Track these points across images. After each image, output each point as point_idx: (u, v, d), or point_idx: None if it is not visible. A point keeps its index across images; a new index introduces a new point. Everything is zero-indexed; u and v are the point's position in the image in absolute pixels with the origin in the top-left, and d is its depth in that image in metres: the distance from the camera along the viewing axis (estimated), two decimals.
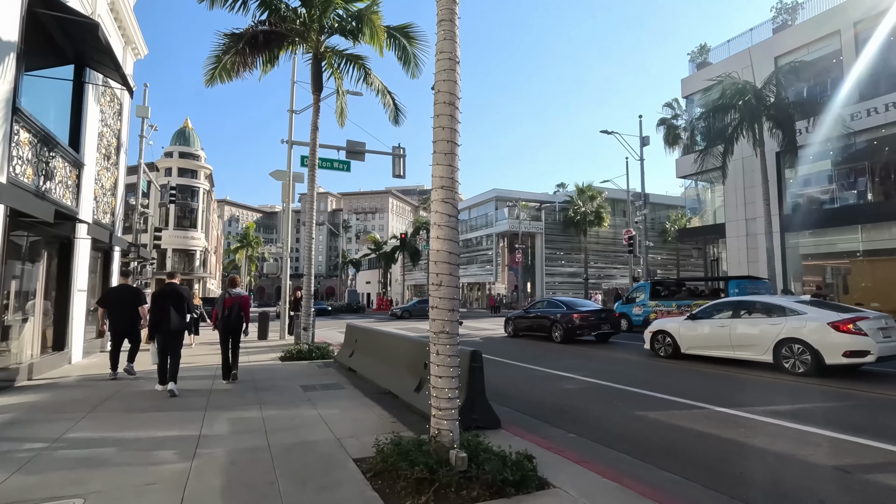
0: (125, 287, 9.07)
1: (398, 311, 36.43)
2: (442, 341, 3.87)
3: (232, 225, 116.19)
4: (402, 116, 13.47)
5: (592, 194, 44.74)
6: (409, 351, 6.81)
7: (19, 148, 7.40)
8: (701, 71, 27.53)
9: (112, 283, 13.17)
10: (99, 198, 11.69)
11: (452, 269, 3.89)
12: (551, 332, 15.14)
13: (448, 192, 3.92)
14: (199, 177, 48.24)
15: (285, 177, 17.40)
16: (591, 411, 6.41)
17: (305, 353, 10.91)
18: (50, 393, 7.04)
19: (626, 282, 50.37)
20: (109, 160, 12.49)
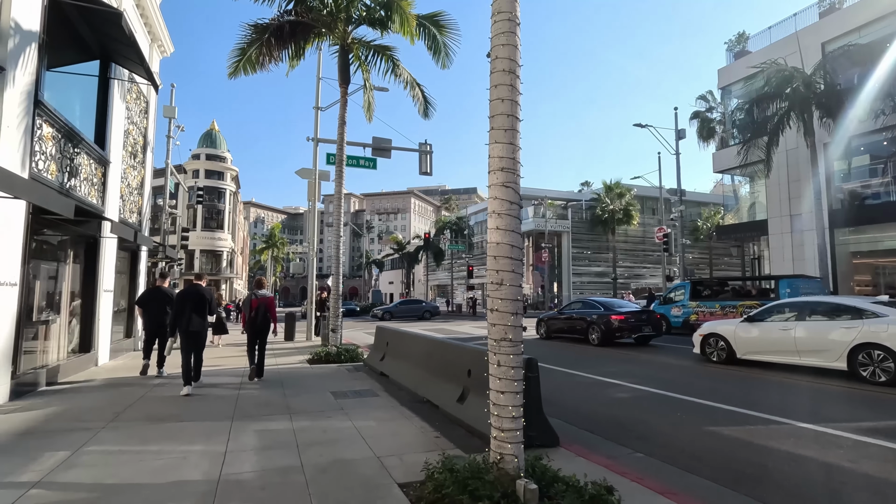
0: (160, 289, 9.12)
1: (379, 311, 34.54)
2: (504, 350, 3.29)
3: (257, 226, 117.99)
4: (432, 109, 12.94)
5: (621, 191, 43.45)
6: (450, 357, 6.25)
7: (42, 143, 7.13)
8: (739, 60, 26.23)
9: (139, 283, 13.03)
10: (125, 196, 11.50)
11: (515, 265, 3.31)
12: (588, 335, 14.40)
13: (509, 175, 3.34)
14: (226, 178, 48.78)
15: (311, 175, 17.08)
16: (653, 425, 5.74)
17: (334, 356, 10.47)
18: (73, 398, 6.73)
19: (656, 281, 48.93)
20: (136, 158, 12.31)
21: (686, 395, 7.17)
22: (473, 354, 5.70)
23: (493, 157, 3.38)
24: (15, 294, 6.46)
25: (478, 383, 5.36)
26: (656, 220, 50.40)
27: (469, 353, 5.82)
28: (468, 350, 5.91)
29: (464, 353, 5.93)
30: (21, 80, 6.44)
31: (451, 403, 5.64)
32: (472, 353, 5.74)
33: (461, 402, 5.49)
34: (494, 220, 3.34)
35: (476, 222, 54.42)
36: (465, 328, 22.82)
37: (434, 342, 7.14)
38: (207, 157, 47.57)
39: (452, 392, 5.76)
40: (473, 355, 5.68)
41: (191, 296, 7.48)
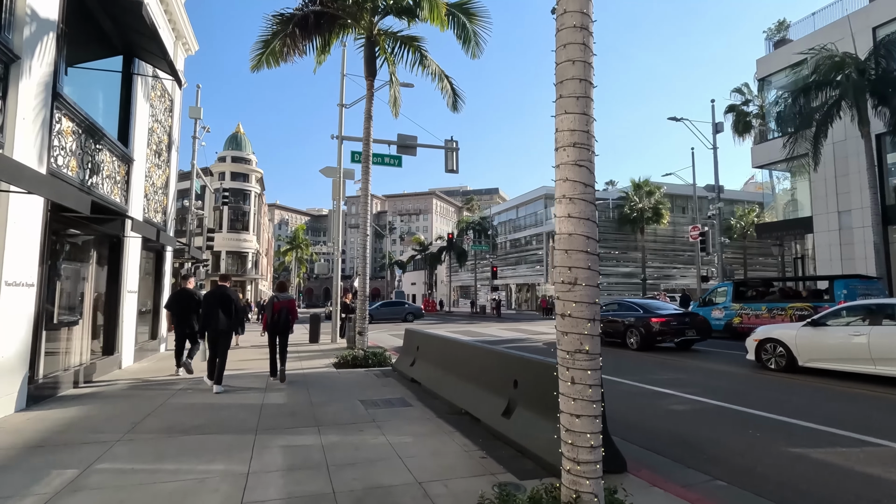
0: (186, 291, 9.24)
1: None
2: (580, 364, 2.70)
3: (281, 228, 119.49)
4: (461, 102, 12.39)
5: (650, 189, 42.14)
6: (492, 365, 5.67)
7: (61, 138, 6.84)
8: (780, 49, 24.94)
9: (165, 284, 12.84)
10: (150, 195, 11.28)
11: (591, 260, 2.72)
12: (625, 338, 13.61)
13: (583, 152, 2.76)
14: (251, 180, 49.19)
15: (336, 173, 16.73)
16: (724, 444, 5.05)
17: (361, 360, 10.01)
18: (91, 404, 6.39)
19: (687, 282, 47.33)
20: (160, 157, 12.11)
21: (752, 409, 6.43)
22: (520, 363, 5.12)
23: (562, 130, 2.80)
24: (32, 295, 6.16)
25: (526, 396, 4.79)
26: (688, 219, 48.82)
27: (514, 361, 5.24)
28: (513, 358, 5.32)
29: (508, 362, 5.35)
30: (38, 70, 6.14)
31: (495, 417, 5.06)
32: (518, 362, 5.15)
33: (506, 417, 4.91)
34: (565, 206, 2.76)
35: (500, 222, 53.70)
36: (492, 330, 22.19)
37: (472, 348, 6.57)
38: (233, 160, 48.02)
39: (496, 404, 5.18)
40: (520, 364, 5.10)
41: (217, 297, 7.66)
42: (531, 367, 4.84)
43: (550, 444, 3.91)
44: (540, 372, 4.64)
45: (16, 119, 5.67)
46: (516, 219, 53.28)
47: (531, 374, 4.80)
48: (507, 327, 24.13)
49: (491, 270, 44.10)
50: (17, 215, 5.76)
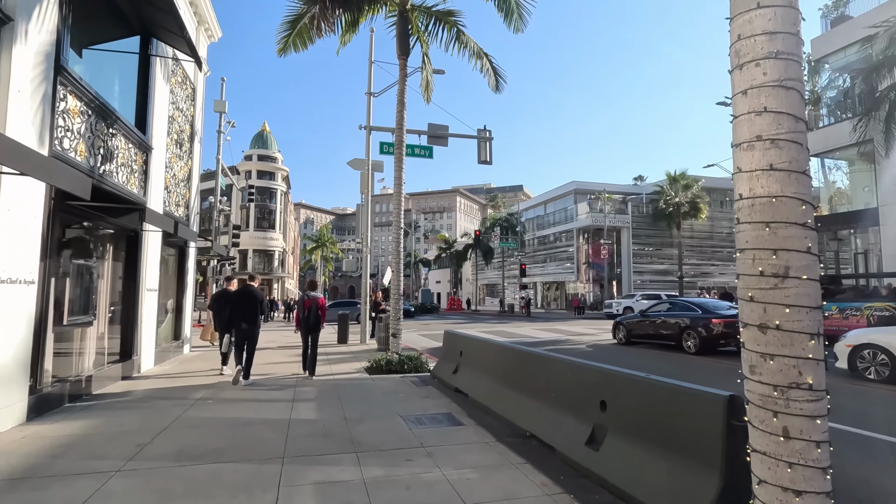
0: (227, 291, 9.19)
1: None
2: (799, 406, 1.69)
3: (307, 227, 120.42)
4: (503, 82, 11.36)
5: (687, 183, 40.12)
6: (565, 378, 4.64)
7: (67, 118, 6.10)
8: (839, 27, 22.98)
9: (188, 282, 12.21)
10: (171, 188, 10.62)
11: (810, 238, 1.70)
12: (681, 341, 12.36)
13: (791, 66, 1.73)
14: (277, 179, 49.19)
15: (364, 165, 15.91)
16: (878, 485, 3.91)
17: (396, 365, 9.10)
18: (99, 418, 5.63)
19: (726, 280, 45.12)
20: (182, 148, 11.45)
21: (888, 435, 5.22)
22: (608, 379, 4.07)
23: (753, 35, 1.77)
24: (32, 294, 5.43)
25: (620, 422, 3.75)
26: (728, 213, 46.59)
27: (599, 376, 4.19)
28: (596, 372, 4.28)
29: (590, 376, 4.31)
30: (36, 37, 5.39)
31: (577, 447, 4.04)
32: (606, 377, 4.11)
33: (593, 447, 3.89)
34: (761, 153, 1.75)
35: (527, 219, 52.34)
36: (526, 330, 21.07)
37: (534, 356, 5.53)
38: (259, 158, 48.09)
39: (576, 430, 4.16)
40: (608, 380, 4.06)
41: (244, 296, 8.06)
42: (627, 385, 3.81)
43: (670, 492, 2.88)
44: (641, 392, 3.61)
45: (8, 91, 4.92)
46: (544, 215, 51.82)
47: (627, 393, 3.77)
48: (542, 327, 22.97)
49: (520, 268, 42.87)
50: (10, 202, 5.01)
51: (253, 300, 7.94)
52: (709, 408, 2.95)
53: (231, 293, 8.76)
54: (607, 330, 20.37)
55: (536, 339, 16.86)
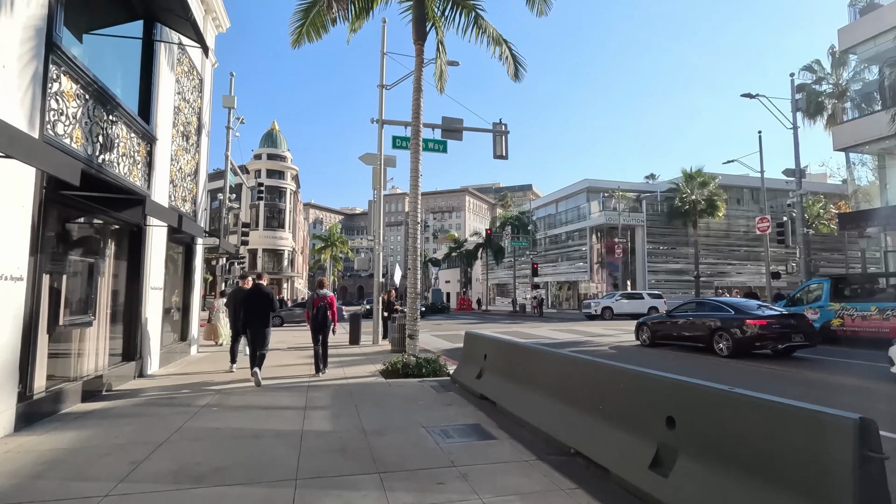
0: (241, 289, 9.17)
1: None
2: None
3: (316, 227, 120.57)
4: (522, 70, 10.76)
5: (704, 180, 39.17)
6: (618, 388, 4.04)
7: (60, 100, 5.62)
8: (867, 16, 22.09)
9: (195, 280, 11.76)
10: (177, 182, 10.16)
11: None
12: (712, 343, 11.67)
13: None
14: (286, 178, 48.96)
15: (376, 160, 15.39)
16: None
17: (413, 369, 8.54)
18: (94, 428, 5.13)
19: (743, 279, 44.08)
20: (189, 141, 11.00)
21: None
22: (675, 390, 3.47)
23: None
24: (20, 291, 4.94)
25: (693, 443, 3.15)
26: (747, 211, 45.52)
27: (664, 386, 3.58)
28: (659, 381, 3.66)
29: (652, 386, 3.70)
30: (25, 10, 4.91)
31: (638, 470, 3.45)
32: (672, 388, 3.51)
33: (659, 472, 3.29)
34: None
35: (537, 218, 51.60)
36: (542, 331, 20.42)
37: (575, 362, 4.92)
38: (268, 157, 47.88)
39: (636, 450, 3.56)
40: (675, 391, 3.46)
41: (255, 294, 8.22)
42: (703, 399, 3.20)
43: None
44: (725, 408, 3.01)
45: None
46: (555, 214, 51.04)
47: (703, 409, 3.17)
48: (557, 328, 22.32)
49: (531, 267, 42.19)
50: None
51: (264, 298, 8.14)
52: (831, 433, 2.34)
53: (243, 291, 8.84)
54: (627, 331, 19.69)
55: (554, 340, 16.23)
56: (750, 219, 45.99)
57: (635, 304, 30.79)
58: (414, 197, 9.27)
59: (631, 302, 31.17)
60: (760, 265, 45.81)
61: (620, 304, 30.90)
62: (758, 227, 26.09)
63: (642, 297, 32.02)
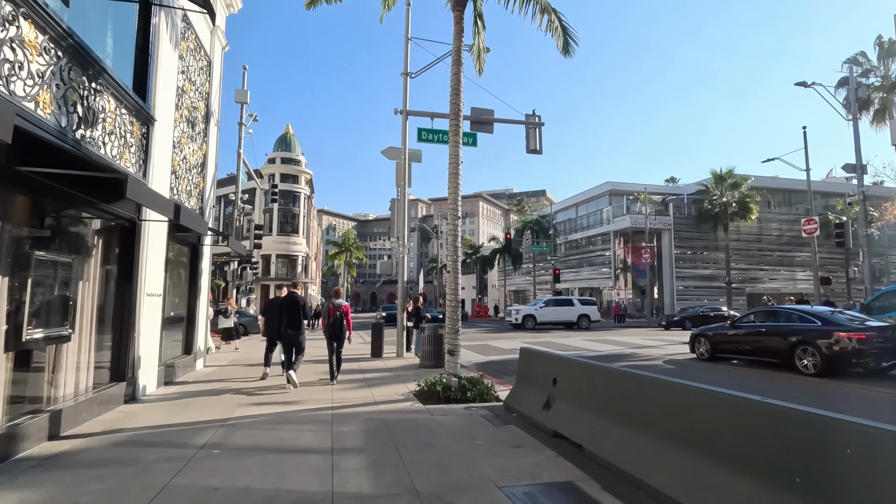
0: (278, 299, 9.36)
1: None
2: None
3: (329, 233, 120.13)
4: (573, 44, 9.34)
5: (735, 181, 37.25)
6: (815, 443, 2.54)
7: (20, 52, 4.33)
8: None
9: (201, 285, 10.49)
10: (180, 172, 8.90)
11: None
12: (792, 358, 10.04)
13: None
14: (300, 182, 47.98)
15: (399, 155, 14.06)
16: None
17: (456, 392, 7.10)
18: (41, 490, 3.76)
19: (777, 286, 41.88)
20: (195, 128, 9.75)
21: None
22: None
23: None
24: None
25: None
26: (776, 214, 43.39)
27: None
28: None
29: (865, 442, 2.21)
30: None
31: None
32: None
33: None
34: None
35: (558, 222, 49.92)
36: (577, 342, 18.80)
37: (719, 399, 3.41)
38: (282, 161, 46.96)
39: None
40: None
41: (288, 302, 8.54)
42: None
43: None
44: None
45: None
46: (576, 218, 49.34)
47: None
48: (591, 338, 20.68)
49: (553, 273, 40.53)
50: None
51: (296, 306, 8.47)
52: None
53: (278, 300, 9.07)
54: (671, 341, 18.04)
55: (597, 353, 14.66)
56: (782, 222, 43.90)
57: (562, 311, 27.42)
58: (454, 188, 7.85)
59: (557, 309, 27.59)
60: (795, 270, 43.63)
61: (544, 311, 27.32)
62: (804, 230, 24.30)
63: (571, 304, 28.52)
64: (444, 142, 14.44)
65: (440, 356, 11.05)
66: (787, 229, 43.67)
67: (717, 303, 40.45)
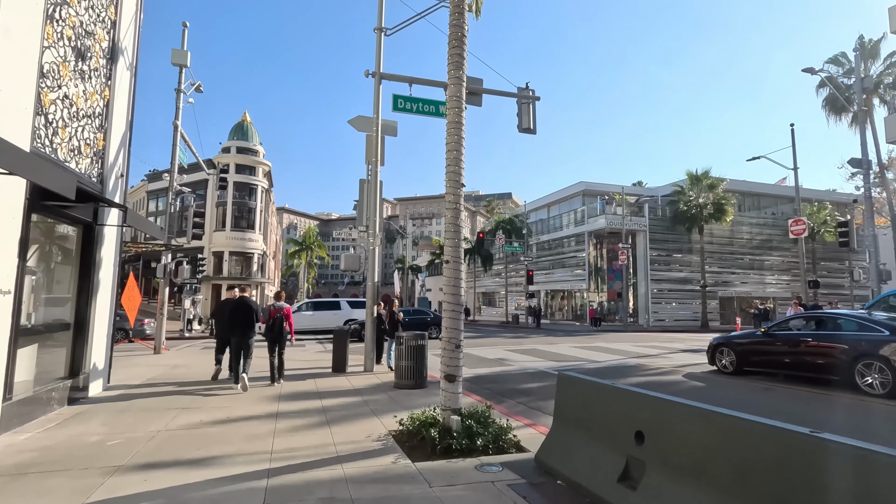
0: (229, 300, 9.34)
1: None
2: None
3: (290, 233, 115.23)
4: None
5: (711, 182, 36.60)
6: None
7: None
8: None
9: (99, 280, 7.71)
10: (59, 119, 6.17)
11: None
12: (852, 375, 8.25)
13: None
14: (258, 174, 44.30)
15: (371, 125, 11.64)
16: None
17: (460, 438, 4.76)
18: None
19: (747, 289, 41.66)
20: (87, 62, 7.01)
21: None
22: None
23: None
24: None
25: None
26: (747, 218, 43.21)
27: None
28: None
29: None
30: None
31: None
32: None
33: None
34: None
35: (531, 221, 48.31)
36: (564, 349, 16.77)
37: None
38: (238, 150, 43.14)
39: None
40: None
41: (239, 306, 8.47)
42: None
43: None
44: None
45: None
46: (547, 218, 47.92)
47: None
48: (578, 344, 18.74)
49: (527, 275, 38.77)
50: None
51: (248, 310, 8.40)
52: None
53: (231, 302, 8.88)
54: (668, 349, 16.26)
55: (596, 364, 12.62)
56: (753, 225, 43.83)
57: (325, 317, 20.94)
58: (455, 158, 5.47)
59: (317, 315, 21.25)
60: (764, 274, 43.61)
61: (302, 316, 20.11)
62: (792, 230, 23.32)
63: (338, 307, 22.14)
64: (424, 112, 12.13)
65: (421, 374, 8.70)
66: (758, 233, 43.72)
67: (689, 307, 39.91)
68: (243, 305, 8.45)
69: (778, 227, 43.60)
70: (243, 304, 8.46)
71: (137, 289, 14.24)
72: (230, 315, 8.45)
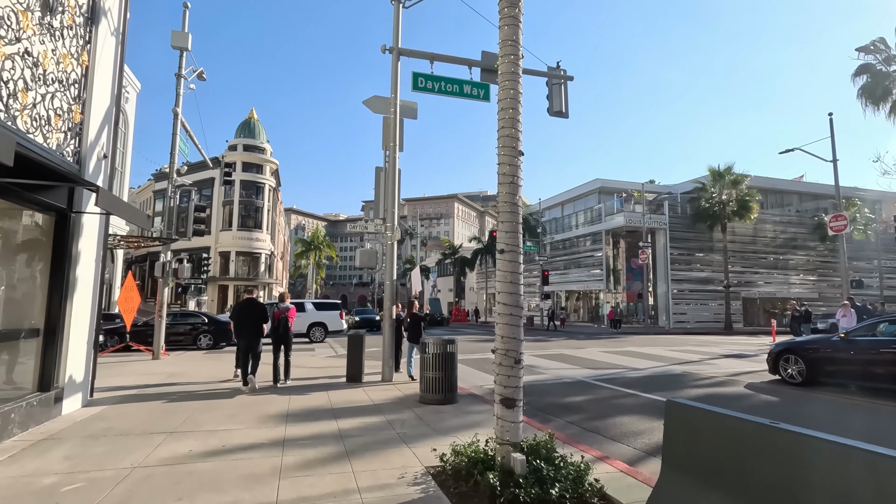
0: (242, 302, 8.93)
1: None
2: None
3: (298, 233, 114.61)
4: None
5: (735, 178, 35.02)
6: None
7: None
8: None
9: (75, 278, 6.56)
10: (17, 81, 5.03)
11: None
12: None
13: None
14: (265, 172, 43.30)
15: (389, 106, 10.44)
16: None
17: (528, 487, 3.53)
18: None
19: (771, 290, 39.99)
20: (55, 17, 5.87)
21: None
22: None
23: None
24: None
25: None
26: (770, 215, 41.53)
27: None
28: None
29: None
30: None
31: None
32: None
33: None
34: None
35: (545, 220, 46.92)
36: (594, 354, 15.46)
37: None
38: (245, 148, 42.16)
39: None
40: None
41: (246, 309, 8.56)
42: None
43: None
44: None
45: None
46: (561, 217, 46.54)
47: None
48: (610, 349, 17.41)
49: (542, 275, 37.44)
50: None
51: (255, 313, 8.52)
52: None
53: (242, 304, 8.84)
54: (708, 353, 14.80)
55: (637, 372, 11.31)
56: (776, 224, 42.10)
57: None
58: (511, 129, 4.28)
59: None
60: (789, 274, 41.84)
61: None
62: (831, 227, 21.86)
63: (302, 310, 19.86)
64: (448, 92, 10.95)
65: (451, 387, 7.47)
66: (781, 231, 42.08)
67: (709, 308, 38.33)
68: (249, 308, 8.57)
69: (803, 225, 41.91)
70: (249, 307, 8.59)
71: (136, 290, 13.17)
72: (237, 317, 8.61)
